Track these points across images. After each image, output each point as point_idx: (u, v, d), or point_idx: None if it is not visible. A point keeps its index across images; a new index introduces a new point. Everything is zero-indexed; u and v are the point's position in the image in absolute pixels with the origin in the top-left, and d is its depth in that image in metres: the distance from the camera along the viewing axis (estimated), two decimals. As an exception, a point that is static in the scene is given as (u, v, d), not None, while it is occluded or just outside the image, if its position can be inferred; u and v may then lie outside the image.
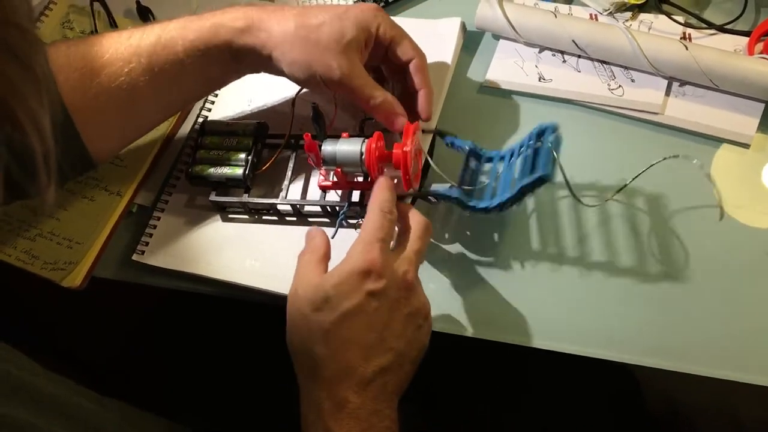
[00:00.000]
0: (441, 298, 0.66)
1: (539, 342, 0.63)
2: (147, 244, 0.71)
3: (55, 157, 0.35)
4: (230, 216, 0.72)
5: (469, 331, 0.65)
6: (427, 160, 0.68)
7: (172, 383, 0.86)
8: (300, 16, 0.64)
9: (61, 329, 0.93)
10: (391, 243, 0.60)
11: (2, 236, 0.72)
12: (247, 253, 0.69)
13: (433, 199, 0.66)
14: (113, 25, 0.83)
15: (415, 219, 0.61)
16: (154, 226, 0.72)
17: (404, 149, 0.61)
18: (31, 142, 0.33)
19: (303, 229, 0.69)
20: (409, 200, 0.66)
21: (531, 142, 0.63)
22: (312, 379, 0.55)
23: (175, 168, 0.75)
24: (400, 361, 0.55)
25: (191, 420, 0.70)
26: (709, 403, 0.89)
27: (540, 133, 0.63)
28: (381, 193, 0.60)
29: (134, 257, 0.71)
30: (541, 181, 0.59)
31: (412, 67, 0.66)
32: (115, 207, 0.73)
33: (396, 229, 0.61)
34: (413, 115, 0.67)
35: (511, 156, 0.66)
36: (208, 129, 0.73)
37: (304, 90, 0.71)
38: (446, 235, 0.69)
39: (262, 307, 0.66)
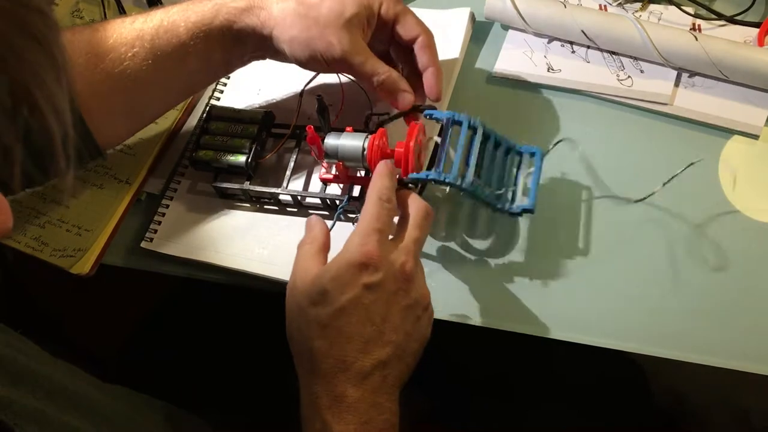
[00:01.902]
0: (448, 287, 0.66)
1: (545, 331, 0.63)
2: (156, 231, 0.71)
3: (74, 142, 0.35)
4: (229, 205, 0.72)
5: (475, 320, 0.65)
6: (433, 152, 0.68)
7: (180, 371, 0.87)
8: None
9: (69, 317, 0.93)
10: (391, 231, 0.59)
11: (21, 212, 0.72)
12: (256, 242, 0.69)
13: (411, 186, 0.64)
14: (123, 14, 0.84)
15: (415, 205, 0.59)
16: (163, 214, 0.72)
17: (407, 147, 0.61)
18: (51, 126, 0.33)
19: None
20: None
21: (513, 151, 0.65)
22: (310, 374, 0.54)
23: (183, 156, 0.75)
24: (399, 353, 0.55)
25: (198, 407, 0.70)
26: (716, 396, 0.89)
27: (523, 152, 0.65)
28: (380, 180, 0.59)
29: (143, 245, 0.71)
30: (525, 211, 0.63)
31: (417, 44, 0.65)
32: (124, 194, 0.73)
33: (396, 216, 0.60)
34: (422, 96, 0.66)
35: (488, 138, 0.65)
36: (215, 115, 0.73)
37: (313, 83, 0.71)
38: (455, 226, 0.69)
39: (270, 296, 0.66)
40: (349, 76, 0.69)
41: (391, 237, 0.58)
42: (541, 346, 0.64)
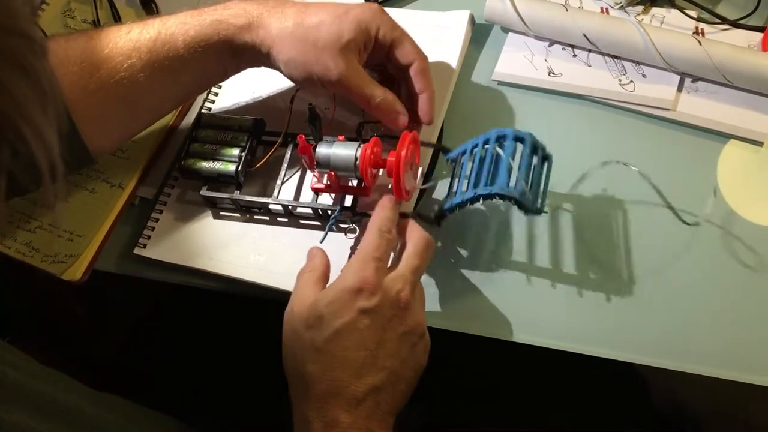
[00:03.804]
0: (442, 295, 0.65)
1: (543, 341, 0.63)
2: (149, 237, 0.70)
3: (62, 169, 0.34)
4: (221, 213, 0.70)
5: (473, 329, 0.64)
6: (425, 175, 0.68)
7: (174, 379, 0.86)
8: (299, 15, 0.63)
9: (61, 323, 0.92)
10: (391, 260, 0.59)
11: (2, 228, 0.71)
12: (251, 249, 0.68)
13: (436, 225, 0.65)
14: (115, 14, 0.82)
15: (415, 235, 0.60)
16: (156, 220, 0.71)
17: (398, 157, 0.60)
18: (37, 158, 0.32)
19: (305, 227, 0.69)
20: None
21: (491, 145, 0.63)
22: (303, 399, 0.54)
23: (177, 160, 0.74)
24: (393, 379, 0.55)
25: (193, 415, 0.69)
26: (717, 403, 0.88)
27: (500, 138, 0.63)
28: (382, 212, 0.60)
29: (136, 251, 0.69)
30: (498, 196, 0.59)
31: (412, 70, 0.65)
32: (116, 199, 0.72)
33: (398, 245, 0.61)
34: (416, 118, 0.66)
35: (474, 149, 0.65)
36: (204, 122, 0.72)
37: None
38: (452, 229, 0.68)
39: (264, 303, 0.66)
40: None
41: (391, 264, 0.58)
42: (539, 353, 0.63)
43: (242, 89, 0.77)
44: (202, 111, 0.76)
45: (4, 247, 0.70)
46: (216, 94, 0.78)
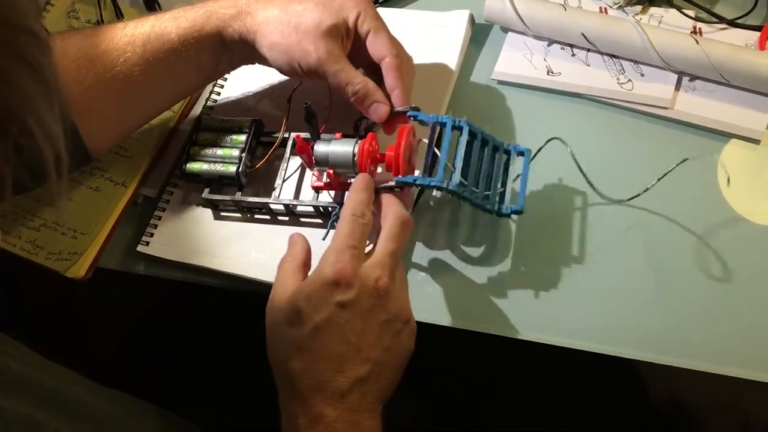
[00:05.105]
0: (443, 292, 0.66)
1: (542, 337, 0.63)
2: (152, 235, 0.71)
3: (68, 164, 0.34)
4: (222, 214, 0.71)
5: (474, 325, 0.64)
6: (431, 155, 0.68)
7: (177, 376, 0.86)
8: (285, 2, 0.64)
9: (65, 320, 0.93)
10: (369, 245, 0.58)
11: (6, 226, 0.71)
12: (253, 246, 0.69)
13: (398, 189, 0.64)
14: (119, 14, 0.83)
15: (390, 216, 0.58)
16: (159, 217, 0.71)
17: (397, 151, 0.61)
18: (43, 151, 0.32)
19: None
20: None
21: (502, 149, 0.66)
22: (288, 394, 0.54)
23: (180, 159, 0.75)
24: (378, 370, 0.54)
25: (195, 412, 0.69)
26: (716, 400, 0.88)
27: (512, 151, 0.66)
28: (355, 194, 0.59)
29: (139, 248, 0.70)
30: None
31: (384, 65, 0.64)
32: (120, 197, 0.72)
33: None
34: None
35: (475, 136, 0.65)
36: (204, 125, 0.73)
37: (303, 88, 0.71)
38: (452, 227, 0.68)
39: (264, 303, 0.66)
40: None
41: (369, 249, 0.58)
42: (538, 350, 0.64)
43: (242, 90, 0.77)
44: (203, 113, 0.77)
45: (8, 245, 0.70)
46: (218, 94, 0.78)
